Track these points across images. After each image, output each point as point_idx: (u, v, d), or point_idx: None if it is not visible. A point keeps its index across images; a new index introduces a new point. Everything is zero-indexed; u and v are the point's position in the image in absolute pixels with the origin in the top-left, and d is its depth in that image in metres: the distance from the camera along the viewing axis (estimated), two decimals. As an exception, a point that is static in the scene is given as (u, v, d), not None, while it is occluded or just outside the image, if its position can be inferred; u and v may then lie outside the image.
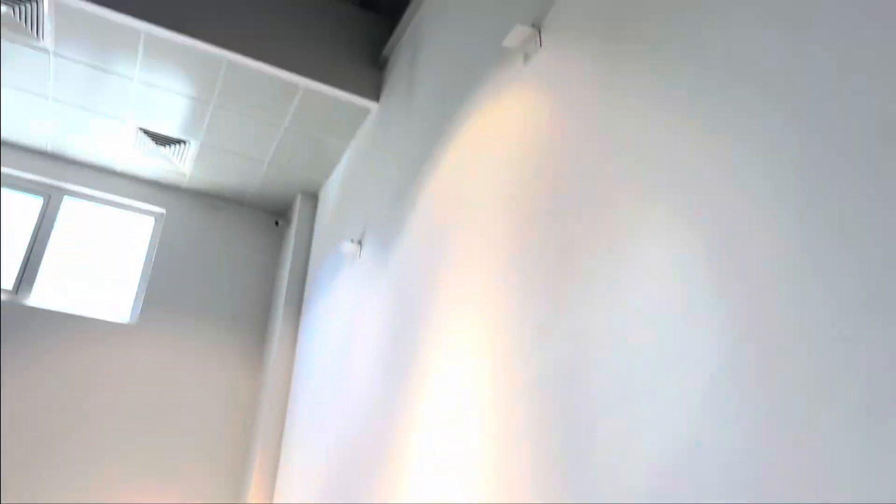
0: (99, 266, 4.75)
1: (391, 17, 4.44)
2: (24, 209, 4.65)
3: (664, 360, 1.43)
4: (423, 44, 3.68)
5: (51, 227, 4.65)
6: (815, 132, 1.25)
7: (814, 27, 1.32)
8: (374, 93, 4.17)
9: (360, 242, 3.76)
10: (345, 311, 3.69)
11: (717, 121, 1.49)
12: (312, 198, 5.04)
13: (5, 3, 3.53)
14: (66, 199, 4.79)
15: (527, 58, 2.38)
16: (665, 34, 1.74)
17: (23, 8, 3.58)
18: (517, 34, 2.36)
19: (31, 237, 4.59)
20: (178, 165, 4.80)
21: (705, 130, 1.52)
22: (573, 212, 1.90)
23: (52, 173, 4.71)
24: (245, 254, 5.10)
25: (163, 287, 4.75)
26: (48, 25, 3.67)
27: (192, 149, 4.61)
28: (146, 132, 4.47)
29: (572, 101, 2.06)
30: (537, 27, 2.36)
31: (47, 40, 3.76)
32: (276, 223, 5.28)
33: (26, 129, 4.47)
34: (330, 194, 4.71)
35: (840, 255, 1.14)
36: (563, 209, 1.94)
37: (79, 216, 4.82)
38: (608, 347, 1.60)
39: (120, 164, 4.83)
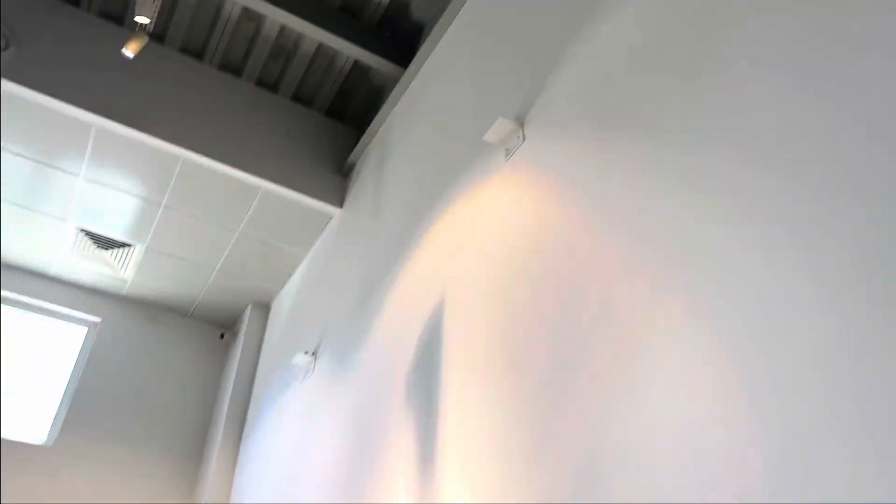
0: (20, 380, 4.26)
1: (357, 127, 4.37)
2: (-61, 313, 4.20)
3: (698, 476, 1.17)
4: (393, 147, 3.56)
5: (-32, 333, 4.20)
6: (825, 196, 1.09)
7: (829, 88, 1.20)
8: (338, 199, 4.01)
9: (314, 354, 3.45)
10: (294, 431, 3.30)
11: (730, 196, 1.33)
12: (264, 308, 4.72)
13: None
14: (-9, 304, 4.37)
15: (508, 153, 2.25)
16: (659, 117, 1.62)
17: (-35, 94, 3.37)
18: (499, 128, 2.24)
19: (-56, 344, 4.12)
20: (119, 271, 4.47)
21: (717, 209, 1.35)
22: (569, 311, 1.68)
23: (-22, 275, 4.31)
24: (185, 369, 4.68)
25: (89, 405, 4.27)
26: (-8, 114, 3.45)
27: (136, 253, 4.31)
28: (88, 234, 4.17)
29: (562, 191, 1.90)
30: (520, 121, 2.25)
31: (-11, 130, 3.53)
32: (222, 336, 4.91)
33: (-46, 225, 4.12)
34: (283, 305, 4.41)
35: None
36: (557, 308, 1.73)
37: (4, 323, 4.38)
38: (622, 463, 1.33)
39: (55, 268, 4.48)
